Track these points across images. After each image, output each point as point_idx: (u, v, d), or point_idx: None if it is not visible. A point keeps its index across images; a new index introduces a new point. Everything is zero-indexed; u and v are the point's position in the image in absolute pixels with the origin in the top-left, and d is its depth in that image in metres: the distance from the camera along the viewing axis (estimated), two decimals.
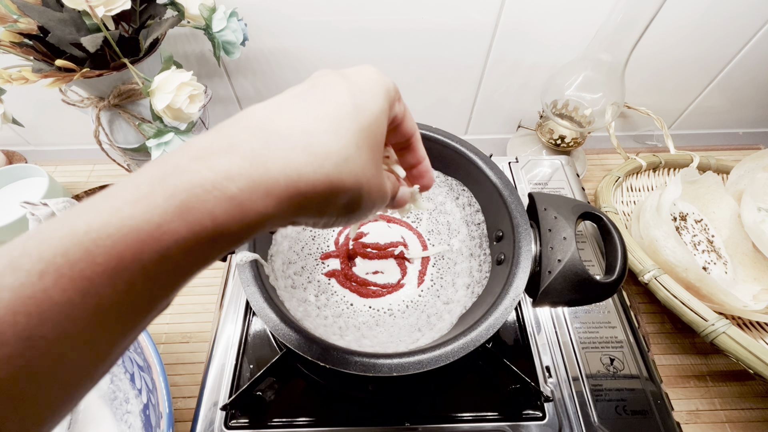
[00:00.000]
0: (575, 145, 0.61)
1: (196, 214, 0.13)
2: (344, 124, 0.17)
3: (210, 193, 0.13)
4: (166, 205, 0.13)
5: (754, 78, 0.61)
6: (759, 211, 0.49)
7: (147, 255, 0.13)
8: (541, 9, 0.52)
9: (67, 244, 0.12)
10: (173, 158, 0.14)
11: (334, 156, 0.16)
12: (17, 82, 0.38)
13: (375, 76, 0.19)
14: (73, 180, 0.68)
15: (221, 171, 0.14)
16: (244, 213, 0.14)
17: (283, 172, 0.15)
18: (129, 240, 0.12)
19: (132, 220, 0.12)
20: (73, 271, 0.12)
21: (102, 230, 0.12)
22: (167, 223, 0.13)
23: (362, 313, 0.40)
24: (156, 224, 0.13)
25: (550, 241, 0.32)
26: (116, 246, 0.12)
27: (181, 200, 0.13)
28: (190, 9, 0.45)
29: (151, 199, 0.13)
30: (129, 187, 0.13)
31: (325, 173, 0.16)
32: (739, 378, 0.45)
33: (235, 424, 0.36)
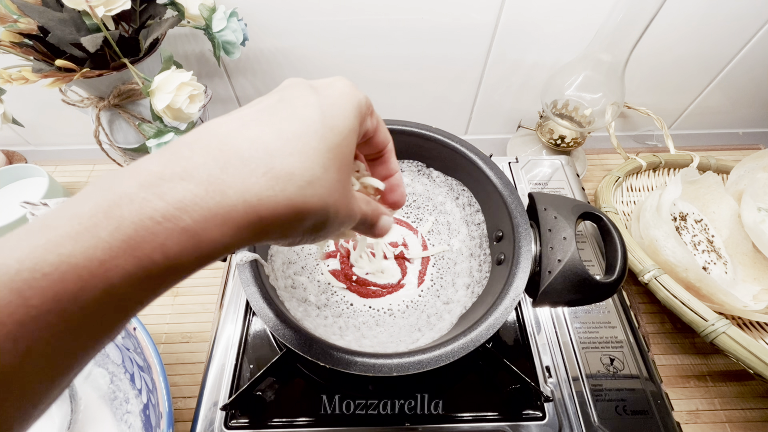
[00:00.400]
0: (575, 145, 0.61)
1: (146, 249, 0.12)
2: (311, 144, 0.16)
3: (161, 225, 0.12)
4: (111, 240, 0.12)
5: (754, 78, 0.61)
6: (759, 211, 0.49)
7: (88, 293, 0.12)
8: (541, 9, 0.52)
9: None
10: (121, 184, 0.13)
11: (298, 179, 0.15)
12: (17, 82, 0.38)
13: (347, 89, 0.18)
14: (73, 180, 0.68)
15: (174, 201, 0.13)
16: (198, 244, 0.13)
17: (242, 198, 0.14)
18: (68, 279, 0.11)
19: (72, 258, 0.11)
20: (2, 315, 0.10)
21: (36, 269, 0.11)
22: (112, 260, 0.12)
23: (362, 313, 0.40)
24: (99, 261, 0.12)
25: (550, 241, 0.32)
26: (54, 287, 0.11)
27: (128, 234, 0.12)
28: (190, 9, 0.45)
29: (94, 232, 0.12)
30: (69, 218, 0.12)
31: (287, 197, 0.15)
32: (739, 378, 0.45)
33: (235, 424, 0.36)
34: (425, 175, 0.45)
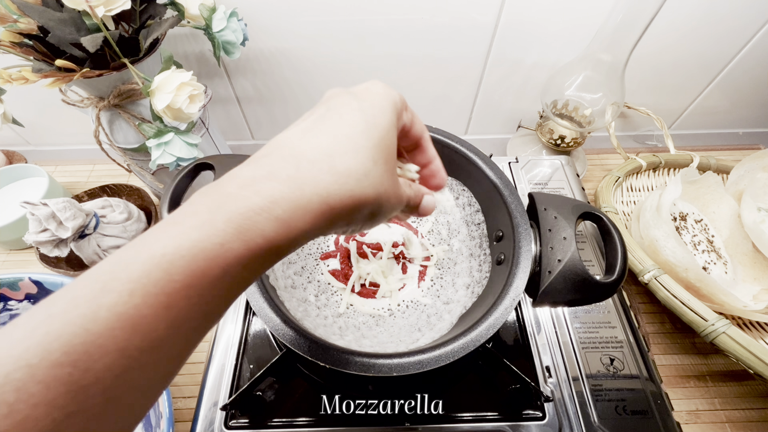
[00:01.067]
0: (575, 145, 0.61)
1: (251, 234, 0.16)
2: (360, 142, 0.19)
3: (260, 215, 0.16)
4: (226, 228, 0.15)
5: (754, 78, 0.61)
6: (759, 211, 0.49)
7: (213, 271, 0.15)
8: (541, 9, 0.52)
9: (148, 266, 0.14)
10: (224, 187, 0.17)
11: (355, 173, 0.18)
12: (17, 82, 0.38)
13: (382, 91, 0.21)
14: (73, 180, 0.68)
15: (267, 196, 0.16)
16: (289, 230, 0.16)
17: (315, 192, 0.17)
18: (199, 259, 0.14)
19: (200, 243, 0.15)
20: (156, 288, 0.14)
21: (176, 252, 0.14)
22: (228, 243, 0.15)
23: (362, 313, 0.40)
24: (219, 244, 0.15)
25: (550, 241, 0.32)
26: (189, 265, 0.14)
27: (237, 223, 0.15)
28: (190, 9, 0.45)
29: (213, 224, 0.15)
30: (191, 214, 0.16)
31: (349, 189, 0.18)
32: (739, 378, 0.45)
33: (235, 424, 0.36)
34: None
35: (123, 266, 0.14)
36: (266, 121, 0.69)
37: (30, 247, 0.58)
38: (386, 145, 0.20)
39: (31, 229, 0.45)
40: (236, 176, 0.17)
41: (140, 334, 0.13)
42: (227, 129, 0.70)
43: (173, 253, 0.14)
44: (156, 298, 0.14)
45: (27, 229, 0.45)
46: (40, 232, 0.45)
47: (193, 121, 0.46)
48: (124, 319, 0.13)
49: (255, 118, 0.68)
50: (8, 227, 0.54)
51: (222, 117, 0.67)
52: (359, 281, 0.41)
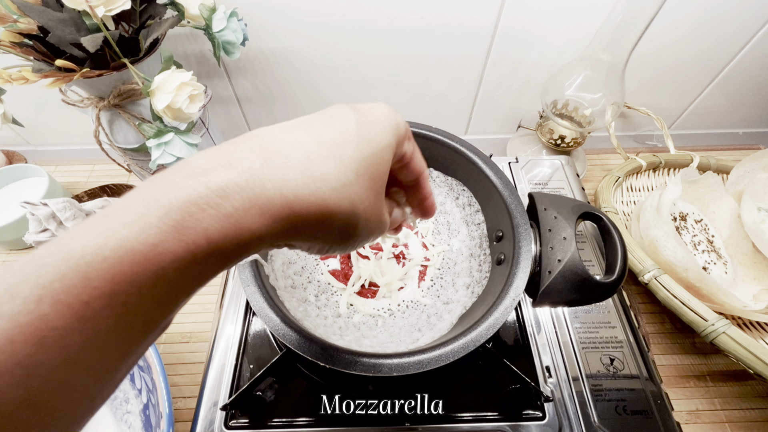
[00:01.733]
0: (575, 145, 0.61)
1: (191, 233, 0.13)
2: (347, 151, 0.17)
3: (205, 212, 0.13)
4: (161, 224, 0.13)
5: (754, 78, 0.61)
6: (759, 211, 0.49)
7: (143, 276, 0.12)
8: (541, 9, 0.52)
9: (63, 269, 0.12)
10: (170, 175, 0.14)
11: (332, 180, 0.16)
12: (17, 82, 0.38)
13: (386, 112, 0.19)
14: (73, 180, 0.68)
15: (216, 188, 0.14)
16: (238, 232, 0.14)
17: (279, 192, 0.15)
18: (125, 262, 0.12)
19: (127, 242, 0.12)
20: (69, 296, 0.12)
21: (97, 253, 0.12)
22: (162, 243, 0.13)
23: (362, 313, 0.40)
24: (151, 245, 0.13)
25: (550, 241, 0.32)
26: (112, 269, 0.12)
27: (175, 219, 0.13)
28: (190, 9, 0.45)
29: (146, 219, 0.13)
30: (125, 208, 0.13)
31: (321, 196, 0.16)
32: (739, 378, 0.45)
33: (235, 424, 0.36)
34: None
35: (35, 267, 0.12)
36: (266, 121, 0.69)
37: (30, 247, 0.58)
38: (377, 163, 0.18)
39: (31, 229, 0.45)
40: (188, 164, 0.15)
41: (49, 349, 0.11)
42: (227, 129, 0.70)
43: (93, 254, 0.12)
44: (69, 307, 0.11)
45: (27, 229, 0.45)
46: (40, 232, 0.45)
47: (193, 121, 0.46)
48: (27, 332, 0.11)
49: (255, 118, 0.68)
50: (8, 227, 0.54)
51: (222, 117, 0.67)
52: (359, 281, 0.41)
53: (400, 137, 0.20)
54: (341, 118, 0.18)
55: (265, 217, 0.15)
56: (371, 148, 0.18)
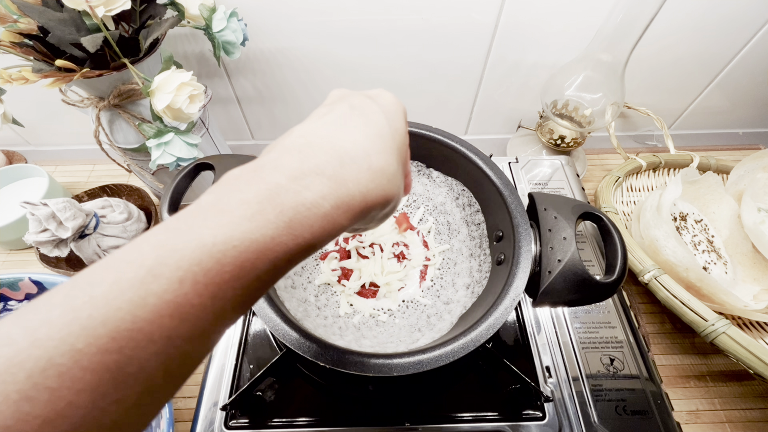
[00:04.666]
0: (575, 145, 0.61)
1: (300, 229, 0.15)
2: (387, 143, 0.19)
3: (310, 211, 0.16)
4: (277, 221, 0.15)
5: (754, 78, 0.61)
6: (759, 211, 0.49)
7: (262, 263, 0.15)
8: (541, 9, 0.52)
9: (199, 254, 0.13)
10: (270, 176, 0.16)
11: (387, 172, 0.18)
12: (17, 82, 0.38)
13: (394, 99, 0.22)
14: (73, 180, 0.68)
15: (317, 192, 0.16)
16: (332, 227, 0.17)
17: (357, 190, 0.17)
18: (250, 251, 0.14)
19: (251, 234, 0.14)
20: (206, 277, 0.13)
21: (228, 242, 0.14)
22: (279, 236, 0.15)
23: (362, 313, 0.40)
24: (270, 237, 0.15)
25: (550, 241, 0.32)
26: (240, 256, 0.14)
27: (289, 217, 0.15)
28: (190, 9, 0.45)
29: (264, 215, 0.15)
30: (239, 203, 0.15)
31: (383, 188, 0.18)
32: (739, 378, 0.45)
33: (235, 424, 0.36)
34: (425, 175, 0.45)
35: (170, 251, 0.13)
36: (266, 121, 0.69)
37: (30, 247, 0.58)
38: (404, 148, 0.21)
39: (31, 229, 0.45)
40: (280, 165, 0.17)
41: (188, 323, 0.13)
42: (227, 129, 0.70)
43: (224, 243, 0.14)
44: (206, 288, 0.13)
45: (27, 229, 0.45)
46: (40, 232, 0.45)
47: (193, 121, 0.46)
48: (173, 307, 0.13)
49: (255, 118, 0.68)
50: (8, 227, 0.54)
51: (222, 117, 0.67)
52: (359, 281, 0.41)
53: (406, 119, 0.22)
54: (371, 111, 0.20)
55: (350, 213, 0.17)
56: (399, 136, 0.20)
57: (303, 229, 0.15)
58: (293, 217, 0.15)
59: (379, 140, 0.19)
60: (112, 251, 0.14)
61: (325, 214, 0.16)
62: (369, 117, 0.19)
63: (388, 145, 0.19)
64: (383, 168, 0.18)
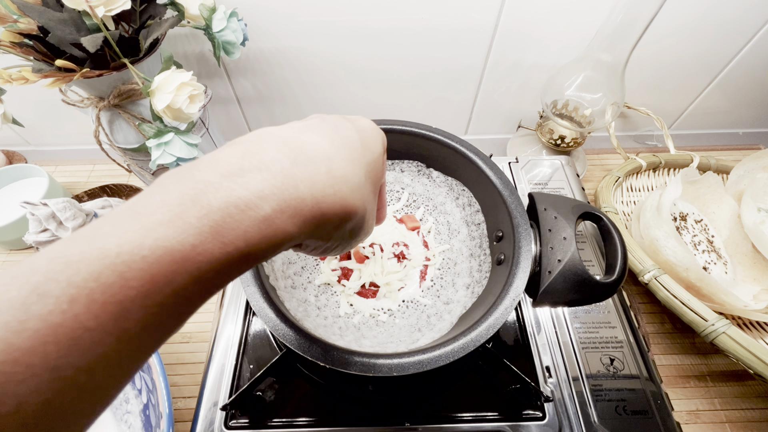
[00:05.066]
0: (575, 145, 0.61)
1: (230, 235, 0.13)
2: (356, 155, 0.18)
3: (244, 213, 0.13)
4: (200, 225, 0.13)
5: (754, 78, 0.61)
6: (759, 211, 0.49)
7: (180, 276, 0.12)
8: (541, 9, 0.52)
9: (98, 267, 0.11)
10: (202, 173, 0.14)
11: (349, 182, 0.17)
12: (17, 82, 0.38)
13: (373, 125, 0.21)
14: (73, 180, 0.68)
15: (255, 190, 0.14)
16: (273, 233, 0.14)
17: (310, 193, 0.15)
18: (164, 262, 0.12)
19: (166, 242, 0.12)
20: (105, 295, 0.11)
21: (135, 252, 0.12)
22: (202, 244, 0.13)
23: (362, 313, 0.40)
24: (191, 245, 0.12)
25: (550, 241, 0.32)
26: (151, 268, 0.12)
27: (215, 220, 0.13)
28: (190, 9, 0.45)
29: (185, 218, 0.13)
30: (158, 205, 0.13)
31: (343, 197, 0.16)
32: (739, 378, 0.45)
33: (235, 424, 0.36)
34: (425, 175, 0.45)
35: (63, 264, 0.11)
36: (266, 121, 0.69)
37: (30, 247, 0.58)
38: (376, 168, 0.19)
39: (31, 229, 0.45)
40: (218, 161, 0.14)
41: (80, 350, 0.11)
42: (227, 129, 0.70)
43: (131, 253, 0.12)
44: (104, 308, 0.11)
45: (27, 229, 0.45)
46: (40, 232, 0.45)
47: (193, 121, 0.46)
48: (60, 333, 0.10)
49: (255, 118, 0.68)
50: (8, 227, 0.54)
51: (222, 117, 0.67)
52: (359, 281, 0.41)
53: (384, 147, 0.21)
54: (343, 127, 0.19)
55: (298, 218, 0.15)
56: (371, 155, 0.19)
57: (234, 235, 0.13)
58: (220, 221, 0.13)
59: (344, 150, 0.17)
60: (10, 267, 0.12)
61: (265, 217, 0.14)
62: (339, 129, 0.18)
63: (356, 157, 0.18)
64: (345, 176, 0.17)
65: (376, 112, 0.67)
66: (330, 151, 0.17)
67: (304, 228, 0.15)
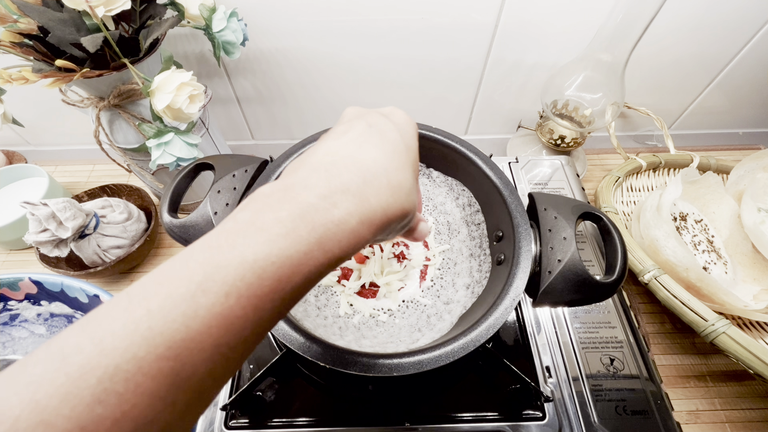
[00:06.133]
0: (575, 145, 0.61)
1: (330, 245, 0.17)
2: (403, 159, 0.20)
3: (339, 227, 0.17)
4: (309, 238, 0.16)
5: (754, 78, 0.61)
6: (759, 211, 0.49)
7: (297, 276, 0.16)
8: (541, 9, 0.52)
9: (242, 271, 0.15)
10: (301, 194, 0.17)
11: (405, 188, 0.20)
12: (17, 82, 0.38)
13: (407, 117, 0.23)
14: (73, 180, 0.68)
15: (344, 209, 0.17)
16: (358, 241, 0.18)
17: (379, 205, 0.18)
18: (286, 266, 0.16)
19: (287, 251, 0.16)
20: (249, 292, 0.15)
21: (267, 259, 0.15)
22: (311, 252, 0.16)
23: (362, 313, 0.40)
24: (303, 253, 0.16)
25: (550, 241, 0.32)
26: (278, 271, 0.15)
27: (320, 234, 0.16)
28: (190, 9, 0.45)
29: (298, 233, 0.16)
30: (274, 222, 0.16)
31: (402, 203, 0.19)
32: (739, 378, 0.45)
33: (235, 424, 0.36)
34: (425, 175, 0.45)
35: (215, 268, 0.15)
36: (266, 121, 0.69)
37: (30, 247, 0.58)
38: (416, 164, 0.22)
39: (31, 229, 0.45)
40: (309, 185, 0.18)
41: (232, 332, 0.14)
42: (227, 129, 0.70)
43: (264, 260, 0.15)
44: (248, 301, 0.15)
45: (27, 229, 0.45)
46: (40, 232, 0.45)
47: (193, 121, 0.46)
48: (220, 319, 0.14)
49: (255, 118, 0.68)
50: (8, 227, 0.54)
51: (222, 117, 0.67)
52: (359, 281, 0.41)
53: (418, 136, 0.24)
54: (387, 129, 0.21)
55: (373, 227, 0.18)
56: (413, 153, 0.22)
57: (332, 244, 0.17)
58: (324, 234, 0.17)
59: (396, 157, 0.20)
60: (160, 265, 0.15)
61: (352, 229, 0.17)
62: (386, 134, 0.21)
63: (404, 161, 0.20)
64: (401, 183, 0.20)
65: None
66: (386, 164, 0.20)
67: (376, 232, 0.19)
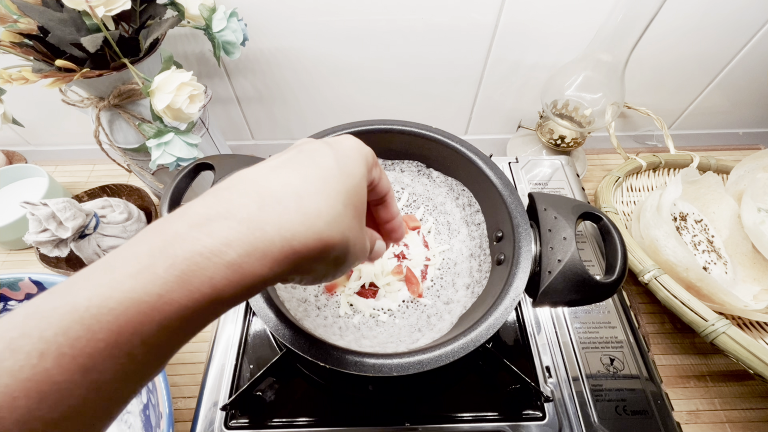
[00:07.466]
0: (575, 145, 0.61)
1: (196, 282, 0.14)
2: (332, 185, 0.18)
3: (209, 260, 0.14)
4: (167, 275, 0.13)
5: (754, 78, 0.61)
6: (759, 211, 0.49)
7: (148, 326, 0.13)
8: (541, 9, 0.52)
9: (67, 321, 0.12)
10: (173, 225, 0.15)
11: (324, 215, 0.17)
12: (17, 82, 0.38)
13: (355, 144, 0.21)
14: (73, 180, 0.68)
15: (220, 237, 0.14)
16: (242, 277, 0.14)
17: (278, 233, 0.15)
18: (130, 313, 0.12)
19: (133, 293, 0.13)
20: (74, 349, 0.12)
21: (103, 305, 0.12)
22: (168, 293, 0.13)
23: (362, 313, 0.40)
24: (157, 295, 0.13)
25: (550, 241, 0.32)
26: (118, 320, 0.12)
27: (181, 269, 0.13)
28: (190, 9, 0.45)
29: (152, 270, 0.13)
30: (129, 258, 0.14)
31: (317, 231, 0.16)
32: (739, 378, 0.45)
33: (235, 424, 0.36)
34: (425, 175, 0.45)
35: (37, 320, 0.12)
36: (266, 121, 0.69)
37: (30, 247, 0.58)
38: (357, 193, 0.19)
39: (31, 229, 0.45)
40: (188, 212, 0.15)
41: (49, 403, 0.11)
42: (227, 129, 0.70)
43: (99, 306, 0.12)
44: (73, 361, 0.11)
45: (27, 229, 0.45)
46: (40, 232, 0.45)
47: (193, 121, 0.46)
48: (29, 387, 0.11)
49: (255, 118, 0.68)
50: (8, 227, 0.54)
51: (222, 117, 0.67)
52: (359, 281, 0.41)
53: (369, 165, 0.21)
54: (320, 155, 0.19)
55: (268, 259, 0.15)
56: (351, 179, 0.19)
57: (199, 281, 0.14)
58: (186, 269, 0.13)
59: (320, 182, 0.17)
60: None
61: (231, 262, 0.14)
62: (315, 159, 0.18)
63: (332, 187, 0.17)
64: (319, 210, 0.16)
65: (376, 112, 0.67)
66: (301, 188, 0.17)
67: (276, 268, 0.15)
